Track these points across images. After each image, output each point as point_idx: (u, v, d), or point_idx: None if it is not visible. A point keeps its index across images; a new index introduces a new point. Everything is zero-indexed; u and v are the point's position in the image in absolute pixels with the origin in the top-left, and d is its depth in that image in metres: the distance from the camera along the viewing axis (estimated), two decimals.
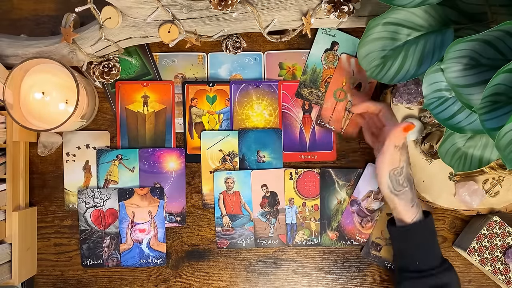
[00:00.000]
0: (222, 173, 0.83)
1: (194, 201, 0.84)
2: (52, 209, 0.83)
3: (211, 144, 0.84)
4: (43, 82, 0.75)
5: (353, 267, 0.85)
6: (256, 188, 0.83)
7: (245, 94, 0.84)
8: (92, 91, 0.80)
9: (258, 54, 0.84)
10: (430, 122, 0.79)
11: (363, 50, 0.67)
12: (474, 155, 0.67)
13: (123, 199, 0.82)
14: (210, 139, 0.84)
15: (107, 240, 0.82)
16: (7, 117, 0.76)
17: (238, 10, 0.72)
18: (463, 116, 0.62)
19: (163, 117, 0.84)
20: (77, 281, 0.83)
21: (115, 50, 0.78)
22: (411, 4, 0.58)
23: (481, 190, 0.79)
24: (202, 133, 0.83)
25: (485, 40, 0.54)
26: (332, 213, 0.84)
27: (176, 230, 0.84)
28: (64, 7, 0.83)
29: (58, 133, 0.83)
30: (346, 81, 0.81)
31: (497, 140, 0.50)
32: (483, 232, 0.79)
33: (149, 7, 0.70)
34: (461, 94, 0.57)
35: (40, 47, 0.76)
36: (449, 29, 0.63)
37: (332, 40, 0.83)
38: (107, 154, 0.83)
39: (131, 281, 0.84)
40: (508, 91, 0.51)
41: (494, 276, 0.79)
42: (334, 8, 0.71)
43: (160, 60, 0.84)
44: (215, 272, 0.84)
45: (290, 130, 0.85)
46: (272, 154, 0.84)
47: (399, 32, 0.65)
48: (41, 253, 0.83)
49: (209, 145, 0.83)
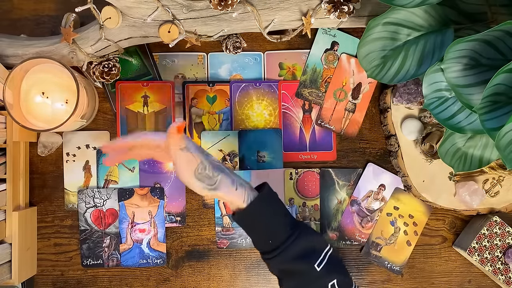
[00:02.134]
0: None
1: (194, 201, 0.84)
2: (52, 209, 0.83)
3: (211, 144, 0.84)
4: (43, 82, 0.75)
5: (353, 267, 0.85)
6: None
7: (245, 94, 0.84)
8: (92, 91, 0.80)
9: (258, 54, 0.84)
10: (430, 122, 0.79)
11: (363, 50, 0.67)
12: (474, 155, 0.67)
13: (123, 199, 0.82)
14: (210, 139, 0.84)
15: (107, 240, 0.82)
16: (7, 117, 0.76)
17: (238, 10, 0.72)
18: (463, 116, 0.62)
19: (163, 117, 0.84)
20: (77, 281, 0.83)
21: (115, 50, 0.77)
22: (411, 4, 0.58)
23: (481, 190, 0.79)
24: (202, 133, 0.83)
25: (485, 40, 0.54)
26: (332, 213, 0.84)
27: (176, 230, 0.84)
28: (64, 7, 0.84)
29: (58, 133, 0.83)
30: None
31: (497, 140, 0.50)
32: (483, 232, 0.79)
33: (149, 7, 0.70)
34: (461, 94, 0.57)
35: (40, 47, 0.76)
36: (449, 29, 0.63)
37: (332, 40, 0.83)
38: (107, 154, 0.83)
39: (131, 281, 0.84)
40: (508, 91, 0.51)
41: (494, 276, 0.79)
42: (334, 8, 0.71)
43: (160, 60, 0.84)
44: (215, 272, 0.84)
45: (290, 130, 0.85)
46: (272, 154, 0.84)
47: (399, 32, 0.65)
48: (41, 253, 0.83)
49: (209, 145, 0.83)
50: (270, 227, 0.63)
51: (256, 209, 0.62)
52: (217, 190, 0.61)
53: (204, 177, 0.61)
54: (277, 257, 0.62)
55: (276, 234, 0.63)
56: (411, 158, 0.80)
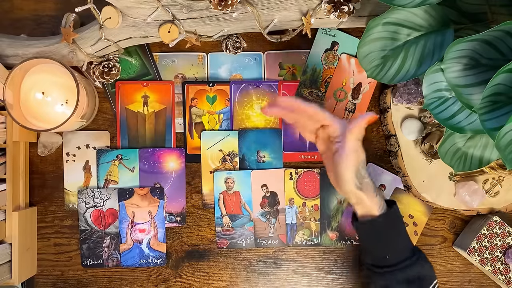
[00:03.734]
0: (222, 173, 0.83)
1: (194, 201, 0.84)
2: (52, 209, 0.83)
3: (211, 144, 0.84)
4: (43, 82, 0.75)
5: (353, 267, 0.85)
6: (256, 188, 0.83)
7: (245, 94, 0.84)
8: (92, 91, 0.80)
9: (258, 54, 0.84)
10: (430, 122, 0.79)
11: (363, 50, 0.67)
12: (474, 155, 0.67)
13: (123, 199, 0.82)
14: (210, 139, 0.84)
15: (107, 240, 0.82)
16: (7, 117, 0.76)
17: (238, 10, 0.72)
18: (463, 116, 0.62)
19: (163, 117, 0.84)
20: (77, 281, 0.83)
21: (115, 50, 0.78)
22: (411, 4, 0.58)
23: (481, 190, 0.79)
24: (202, 133, 0.83)
25: (485, 40, 0.54)
26: (332, 213, 0.84)
27: (176, 230, 0.84)
28: (64, 7, 0.83)
29: (58, 133, 0.83)
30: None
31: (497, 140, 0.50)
32: (483, 232, 0.79)
33: (149, 7, 0.70)
34: (461, 94, 0.57)
35: (40, 47, 0.76)
36: (449, 29, 0.63)
37: (332, 40, 0.83)
38: (107, 154, 0.83)
39: (131, 281, 0.84)
40: (508, 91, 0.51)
41: (494, 276, 0.79)
42: (334, 8, 0.71)
43: (160, 60, 0.84)
44: (215, 272, 0.84)
45: (290, 130, 0.85)
46: (272, 154, 0.84)
47: (399, 32, 0.65)
48: (41, 253, 0.83)
49: (209, 145, 0.84)
50: (393, 243, 0.65)
51: (387, 221, 0.64)
52: (362, 190, 0.63)
53: (359, 174, 0.63)
54: (388, 274, 0.64)
55: (397, 251, 0.64)
56: (411, 158, 0.80)
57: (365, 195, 0.63)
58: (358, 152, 0.63)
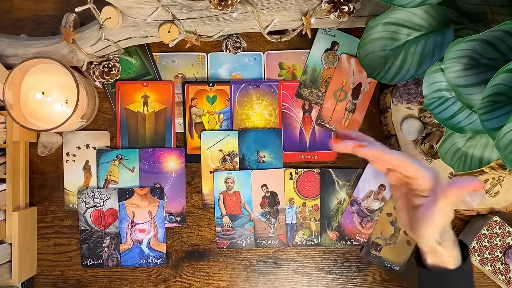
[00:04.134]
0: (222, 173, 0.83)
1: (194, 201, 0.84)
2: (52, 209, 0.83)
3: (211, 144, 0.84)
4: (43, 82, 0.75)
5: (353, 267, 0.85)
6: (256, 188, 0.83)
7: (245, 94, 0.84)
8: (92, 91, 0.80)
9: (258, 54, 0.84)
10: (430, 122, 0.79)
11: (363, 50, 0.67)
12: (474, 155, 0.67)
13: (123, 199, 0.82)
14: (210, 139, 0.84)
15: (107, 240, 0.82)
16: (7, 117, 0.76)
17: (238, 10, 0.72)
18: (463, 116, 0.62)
19: (163, 117, 0.84)
20: (77, 281, 0.83)
21: (115, 50, 0.78)
22: (411, 4, 0.58)
23: (481, 190, 0.79)
24: (202, 133, 0.83)
25: (485, 40, 0.54)
26: (332, 213, 0.84)
27: (176, 230, 0.84)
28: (64, 7, 0.83)
29: (58, 133, 0.83)
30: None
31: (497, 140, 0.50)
32: (483, 232, 0.79)
33: (149, 7, 0.70)
34: (461, 94, 0.57)
35: (40, 47, 0.76)
36: (449, 29, 0.63)
37: (332, 40, 0.83)
38: (107, 154, 0.83)
39: (131, 281, 0.84)
40: (508, 91, 0.51)
41: (494, 276, 0.79)
42: (334, 8, 0.71)
43: (160, 60, 0.84)
44: (215, 272, 0.84)
45: (290, 130, 0.85)
46: (272, 154, 0.84)
47: (399, 32, 0.65)
48: (41, 253, 0.83)
49: (209, 145, 0.84)
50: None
51: (460, 275, 0.60)
52: (441, 245, 0.59)
53: (442, 232, 0.58)
54: None
55: None
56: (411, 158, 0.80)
57: (443, 250, 0.59)
58: (449, 215, 0.58)
